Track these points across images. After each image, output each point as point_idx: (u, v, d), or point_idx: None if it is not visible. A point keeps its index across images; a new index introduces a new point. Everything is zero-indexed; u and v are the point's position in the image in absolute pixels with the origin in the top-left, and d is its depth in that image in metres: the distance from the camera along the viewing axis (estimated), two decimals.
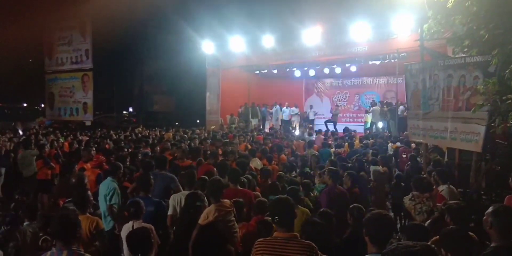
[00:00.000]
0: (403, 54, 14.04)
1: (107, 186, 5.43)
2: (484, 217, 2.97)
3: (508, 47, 5.60)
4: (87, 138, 12.63)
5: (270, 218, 3.39)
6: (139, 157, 7.84)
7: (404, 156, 9.58)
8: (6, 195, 8.94)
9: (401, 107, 14.68)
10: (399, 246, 1.73)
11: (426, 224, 4.20)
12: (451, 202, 4.01)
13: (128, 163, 6.95)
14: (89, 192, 4.39)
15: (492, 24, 6.34)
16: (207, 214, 4.24)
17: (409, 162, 8.34)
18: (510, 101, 5.53)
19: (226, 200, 4.48)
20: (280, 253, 2.95)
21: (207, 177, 5.51)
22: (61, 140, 13.30)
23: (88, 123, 21.46)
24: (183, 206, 4.73)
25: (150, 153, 8.51)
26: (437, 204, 5.12)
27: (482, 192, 6.39)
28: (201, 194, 4.49)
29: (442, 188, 5.58)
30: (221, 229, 4.17)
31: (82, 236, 3.15)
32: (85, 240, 3.70)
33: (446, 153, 8.45)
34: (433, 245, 1.84)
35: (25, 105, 34.82)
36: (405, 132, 11.10)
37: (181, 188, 5.62)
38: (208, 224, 4.17)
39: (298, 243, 3.00)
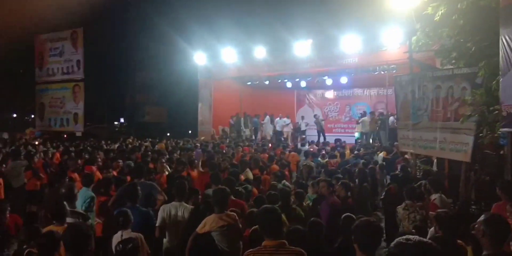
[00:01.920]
0: (392, 66, 14.27)
1: (83, 195, 5.52)
2: (476, 226, 2.99)
3: (494, 59, 5.72)
4: (80, 149, 12.54)
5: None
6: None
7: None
8: None
9: (391, 118, 14.83)
10: (407, 241, 1.72)
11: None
12: (439, 210, 4.05)
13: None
14: (64, 202, 4.32)
15: (479, 37, 6.49)
16: (205, 223, 4.22)
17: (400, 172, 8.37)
18: (497, 111, 5.64)
19: (232, 213, 4.41)
20: None
21: (198, 190, 5.55)
22: (52, 150, 13.19)
23: (78, 134, 21.29)
24: (191, 214, 4.74)
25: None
26: (430, 212, 5.15)
27: (472, 202, 6.45)
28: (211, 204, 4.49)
29: (435, 196, 5.63)
30: (213, 240, 4.13)
31: (92, 248, 3.10)
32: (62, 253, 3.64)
33: (435, 163, 8.53)
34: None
35: (14, 115, 34.49)
36: (395, 143, 11.18)
37: (164, 195, 5.68)
38: (203, 234, 4.13)
39: (287, 250, 3.02)
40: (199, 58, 18.56)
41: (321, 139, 17.19)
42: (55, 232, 3.57)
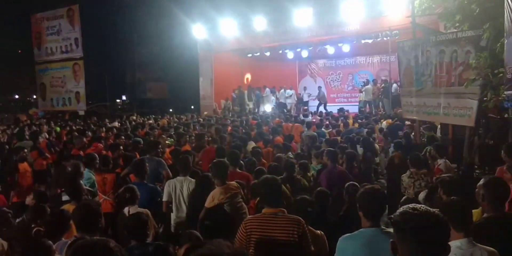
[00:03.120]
0: (395, 31, 13.93)
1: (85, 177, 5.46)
2: (476, 190, 3.00)
3: (499, 21, 5.57)
4: (80, 127, 12.59)
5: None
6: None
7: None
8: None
9: (394, 85, 14.68)
10: (414, 210, 1.70)
11: (421, 197, 4.27)
12: (443, 175, 4.06)
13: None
14: (81, 181, 4.37)
15: None
16: (213, 197, 4.28)
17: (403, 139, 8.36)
18: (501, 74, 5.54)
19: (232, 182, 4.50)
20: (268, 228, 3.04)
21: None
22: (57, 129, 13.28)
23: (81, 113, 21.33)
24: (192, 190, 4.79)
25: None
26: (435, 177, 5.17)
27: (476, 166, 6.46)
28: (211, 177, 4.55)
29: (440, 162, 5.65)
30: (227, 211, 4.19)
31: (103, 226, 3.15)
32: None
33: (439, 129, 8.50)
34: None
35: (16, 97, 34.49)
36: (399, 110, 11.12)
37: (169, 172, 5.73)
38: (214, 207, 4.18)
39: (285, 217, 3.10)
40: (198, 31, 18.22)
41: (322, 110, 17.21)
42: (64, 211, 3.62)
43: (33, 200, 4.51)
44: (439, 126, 8.71)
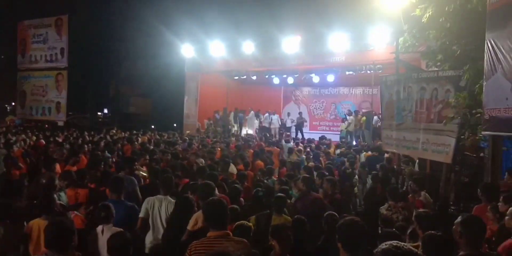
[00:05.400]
0: (379, 65, 14.39)
1: None
2: (454, 227, 3.05)
3: (479, 63, 5.81)
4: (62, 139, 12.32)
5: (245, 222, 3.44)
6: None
7: None
8: None
9: (375, 117, 15.00)
10: (397, 249, 1.71)
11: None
12: (420, 210, 4.12)
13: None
14: (54, 195, 4.23)
15: (464, 40, 6.60)
16: (197, 219, 4.15)
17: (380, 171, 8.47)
18: (479, 115, 5.75)
19: None
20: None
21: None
22: (34, 139, 12.95)
23: (60, 123, 20.94)
24: (172, 210, 4.68)
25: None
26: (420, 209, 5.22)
27: (451, 203, 6.59)
28: (192, 199, 4.47)
29: (421, 194, 5.77)
30: None
31: (75, 244, 3.04)
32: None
33: (417, 163, 8.67)
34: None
35: None
36: (379, 142, 11.32)
37: (139, 193, 5.69)
38: (197, 231, 4.06)
39: (230, 240, 3.10)
40: (186, 50, 18.36)
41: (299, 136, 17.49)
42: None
43: None
44: (417, 161, 8.89)
